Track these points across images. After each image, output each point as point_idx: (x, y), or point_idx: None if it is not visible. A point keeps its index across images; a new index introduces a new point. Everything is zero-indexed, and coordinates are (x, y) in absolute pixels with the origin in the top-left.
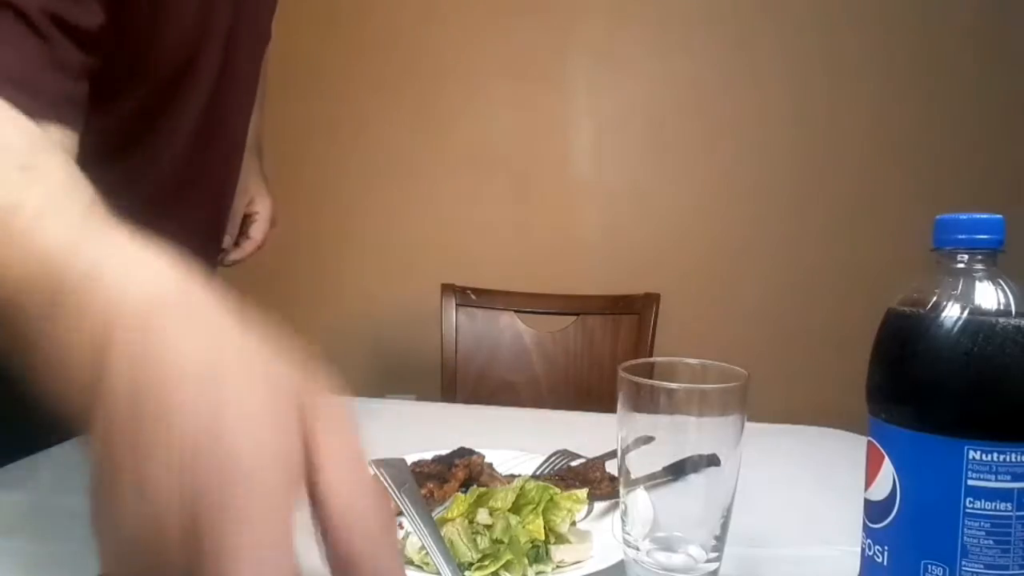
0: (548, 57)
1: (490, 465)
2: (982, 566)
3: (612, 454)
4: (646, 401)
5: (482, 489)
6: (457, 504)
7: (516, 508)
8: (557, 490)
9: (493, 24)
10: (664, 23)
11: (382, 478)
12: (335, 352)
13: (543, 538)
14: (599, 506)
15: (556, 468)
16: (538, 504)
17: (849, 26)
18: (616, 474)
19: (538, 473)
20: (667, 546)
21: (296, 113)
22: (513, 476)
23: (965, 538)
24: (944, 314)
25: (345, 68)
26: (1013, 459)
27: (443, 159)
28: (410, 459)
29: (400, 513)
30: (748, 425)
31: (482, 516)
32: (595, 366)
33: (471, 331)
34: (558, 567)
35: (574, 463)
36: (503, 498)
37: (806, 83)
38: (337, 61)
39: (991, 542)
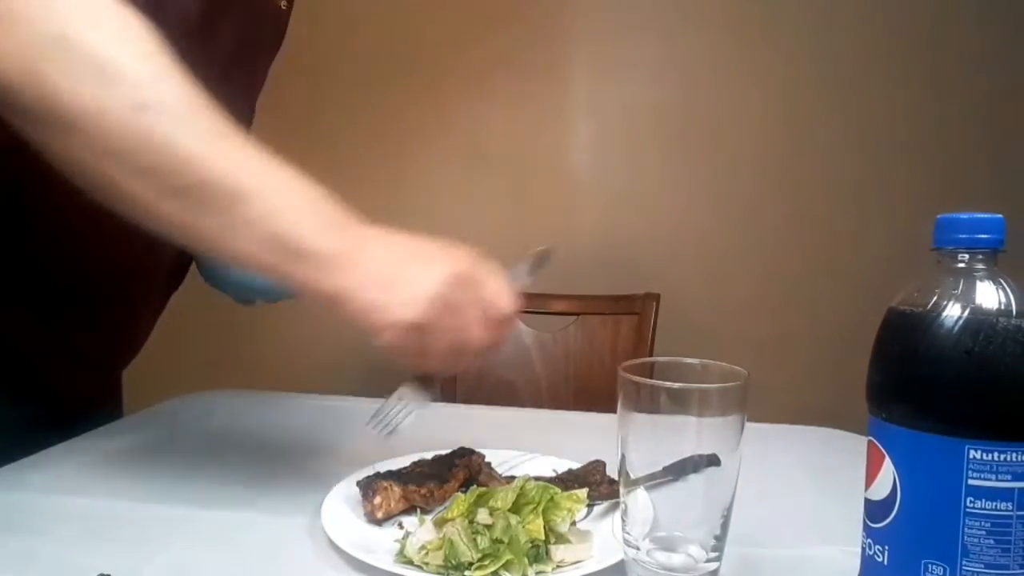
0: (549, 57)
1: (488, 464)
2: (982, 566)
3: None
4: (646, 401)
5: (482, 489)
6: (457, 504)
7: (516, 508)
8: (558, 490)
9: (492, 22)
10: (665, 21)
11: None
12: (335, 351)
13: (543, 538)
14: (599, 506)
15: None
16: (538, 504)
17: (850, 26)
18: (616, 477)
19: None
20: (667, 546)
21: (290, 110)
22: (513, 477)
23: (965, 538)
24: (944, 313)
25: (342, 67)
26: (1013, 459)
27: (442, 158)
28: (410, 459)
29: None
30: (748, 425)
31: (482, 516)
32: (595, 366)
33: None
34: (558, 567)
35: (575, 466)
36: (503, 498)
37: (807, 82)
38: (333, 58)
39: (991, 541)
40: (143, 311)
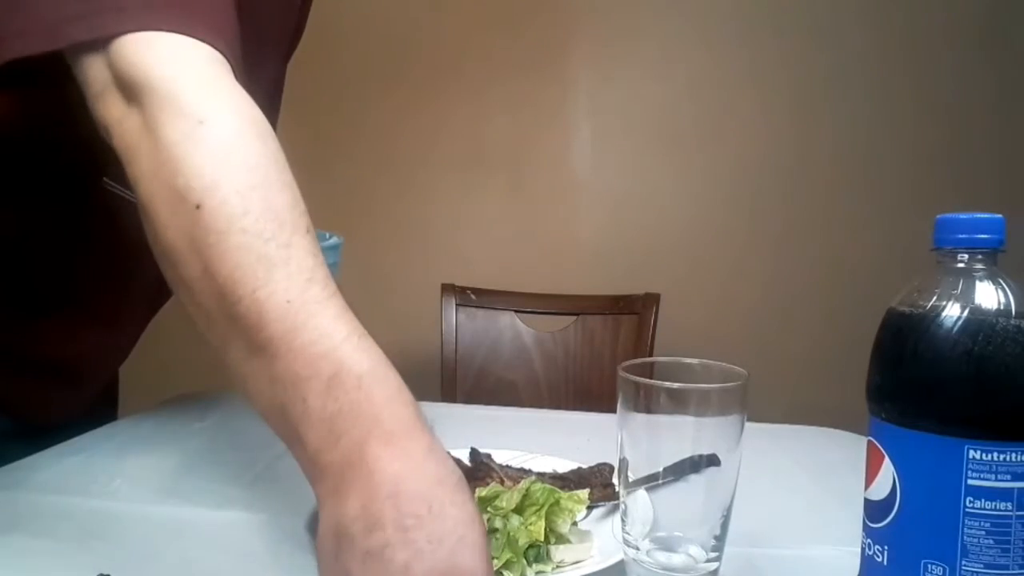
0: (549, 57)
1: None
2: (982, 566)
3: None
4: (646, 401)
5: (489, 490)
6: None
7: (520, 509)
8: (562, 493)
9: (493, 22)
10: (665, 22)
11: None
12: None
13: (543, 539)
14: (600, 507)
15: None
16: (542, 506)
17: (850, 26)
18: (615, 478)
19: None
20: (667, 546)
21: (291, 112)
22: (524, 471)
23: (965, 538)
24: (944, 314)
25: (342, 66)
26: (1013, 459)
27: (443, 158)
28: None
29: None
30: (748, 425)
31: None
32: (595, 366)
33: (471, 331)
34: (558, 567)
35: (581, 466)
36: (508, 499)
37: (807, 82)
38: (333, 59)
39: (991, 542)
40: (122, 326)
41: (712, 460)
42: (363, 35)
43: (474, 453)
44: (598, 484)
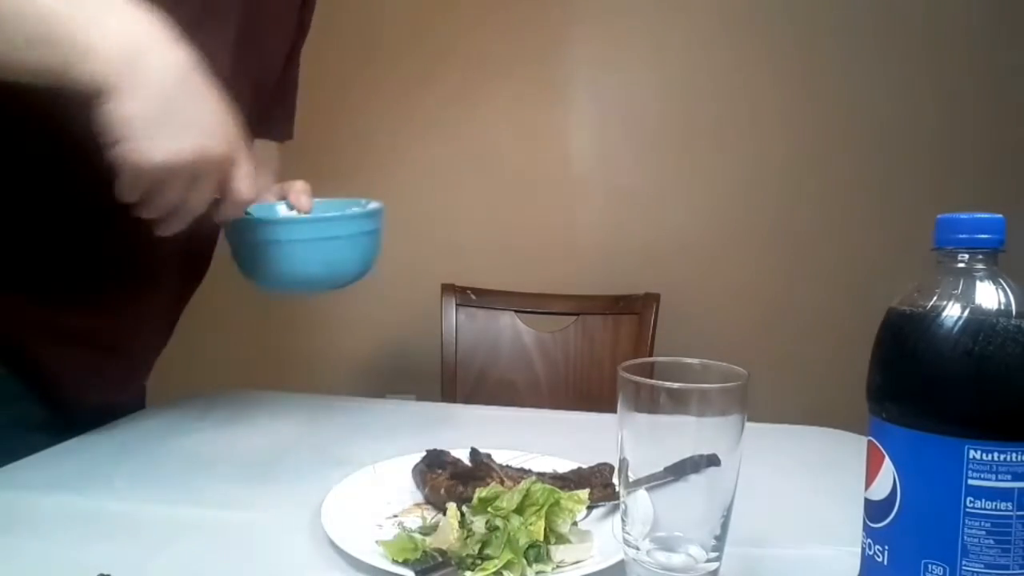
0: (549, 56)
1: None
2: (982, 566)
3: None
4: (646, 401)
5: (490, 490)
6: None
7: (520, 509)
8: (562, 493)
9: (493, 22)
10: (665, 22)
11: None
12: (336, 352)
13: (543, 539)
14: (600, 507)
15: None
16: (542, 506)
17: (849, 25)
18: (616, 478)
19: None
20: (667, 546)
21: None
22: (524, 471)
23: (965, 538)
24: (945, 313)
25: (342, 67)
26: (1013, 459)
27: (443, 158)
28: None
29: None
30: (748, 425)
31: (478, 524)
32: (595, 366)
33: (471, 331)
34: (558, 567)
35: (580, 466)
36: (508, 499)
37: (807, 83)
38: (334, 59)
39: (991, 541)
40: (150, 302)
41: (712, 460)
42: (363, 34)
43: (474, 453)
44: (598, 484)
